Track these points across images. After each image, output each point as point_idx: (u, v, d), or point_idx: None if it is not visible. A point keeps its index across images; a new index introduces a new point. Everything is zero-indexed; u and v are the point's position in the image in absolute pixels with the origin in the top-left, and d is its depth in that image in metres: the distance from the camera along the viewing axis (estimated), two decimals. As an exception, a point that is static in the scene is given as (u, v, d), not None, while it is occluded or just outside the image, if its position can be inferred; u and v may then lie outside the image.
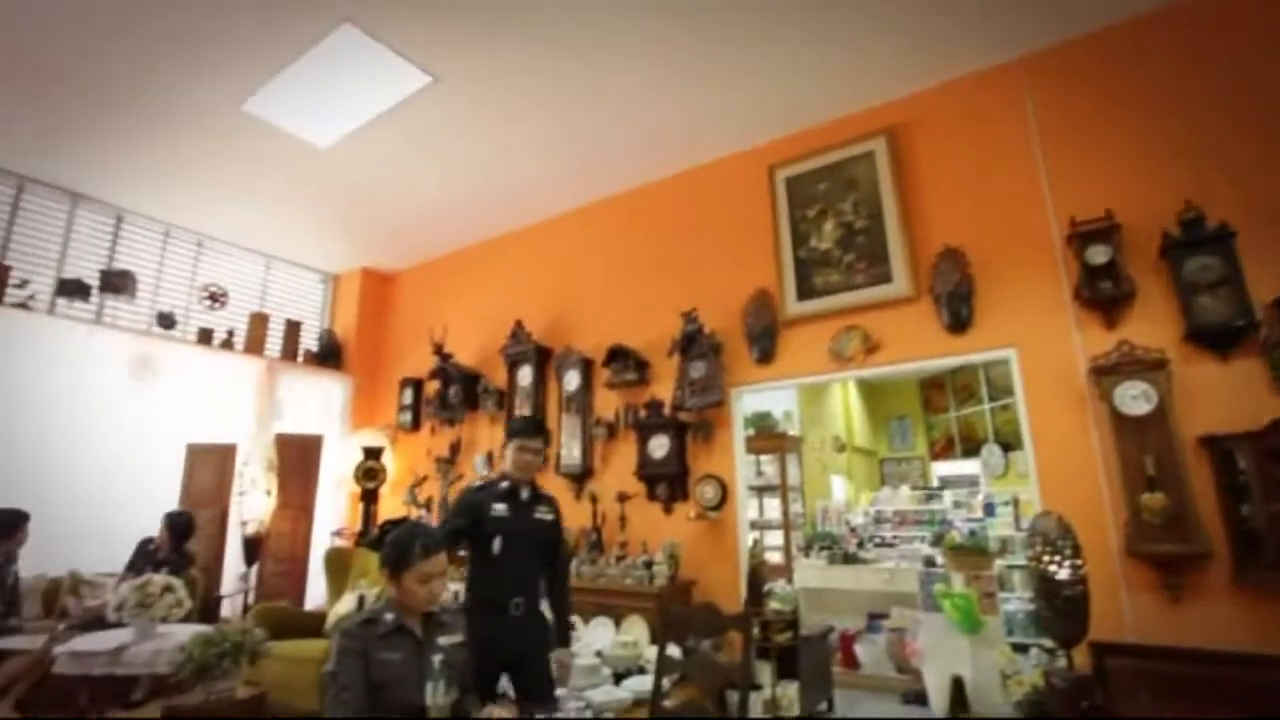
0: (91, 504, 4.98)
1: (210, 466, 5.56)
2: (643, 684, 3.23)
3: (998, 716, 2.89)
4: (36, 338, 4.93)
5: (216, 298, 6.07)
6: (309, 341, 6.68)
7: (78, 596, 4.37)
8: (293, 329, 6.48)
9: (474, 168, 5.03)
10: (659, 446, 4.54)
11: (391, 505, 5.90)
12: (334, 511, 6.20)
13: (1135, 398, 3.13)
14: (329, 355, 6.67)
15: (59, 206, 5.36)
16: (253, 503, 5.31)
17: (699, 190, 4.98)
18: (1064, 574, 2.69)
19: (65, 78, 4.00)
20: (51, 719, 3.63)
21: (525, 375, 5.42)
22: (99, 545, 4.80)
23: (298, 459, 5.78)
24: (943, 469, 8.73)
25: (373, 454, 5.96)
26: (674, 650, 2.47)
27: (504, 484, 2.59)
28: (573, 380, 5.11)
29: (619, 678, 3.50)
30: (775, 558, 5.75)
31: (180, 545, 4.61)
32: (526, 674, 2.42)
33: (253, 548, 5.28)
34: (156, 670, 3.26)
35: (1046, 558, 2.72)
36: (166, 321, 5.67)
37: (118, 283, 5.35)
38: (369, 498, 5.88)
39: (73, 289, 5.16)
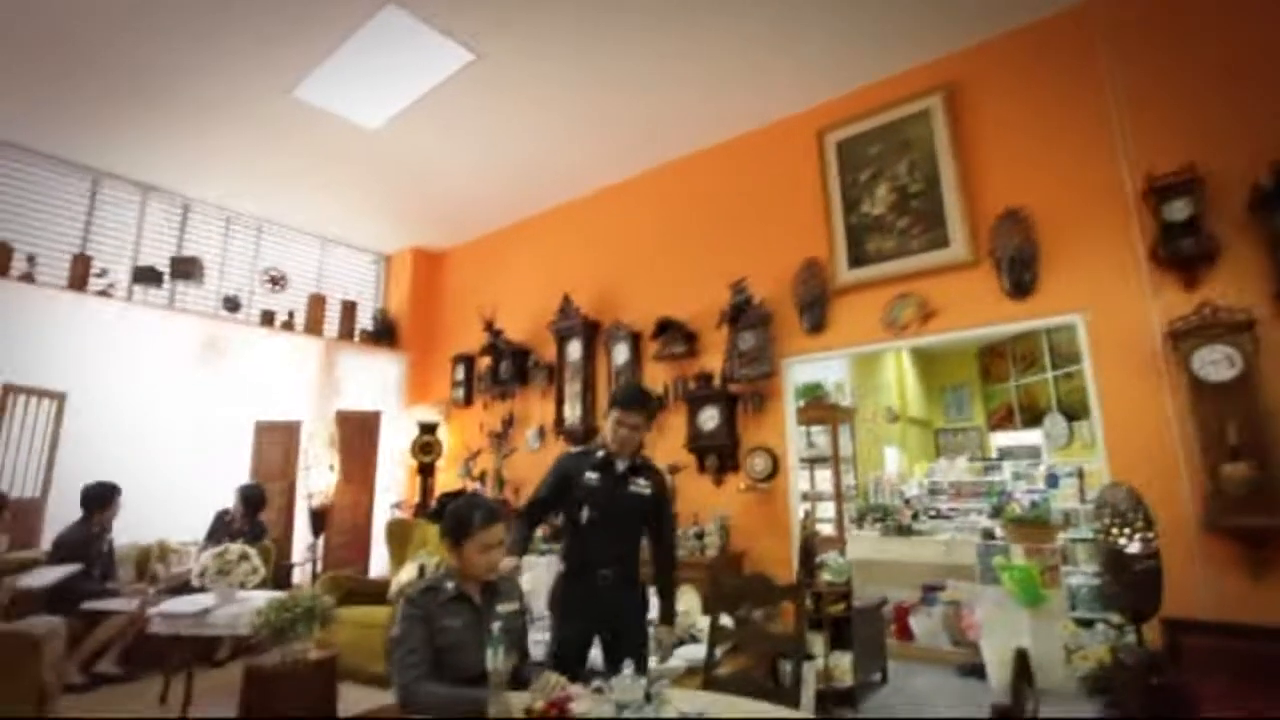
0: (172, 478, 5.30)
1: (277, 442, 5.83)
2: (695, 652, 3.27)
3: (1062, 692, 2.82)
4: (118, 323, 5.22)
5: (277, 281, 6.30)
6: (364, 321, 6.88)
7: (165, 563, 4.68)
8: (349, 309, 6.68)
9: (518, 143, 5.03)
10: (709, 418, 4.53)
11: (448, 479, 6.08)
12: (393, 484, 6.44)
13: (1217, 362, 2.94)
14: (384, 334, 6.86)
15: (131, 198, 5.63)
16: (317, 477, 5.55)
17: (746, 158, 4.87)
18: (1134, 547, 2.57)
19: (132, 75, 4.18)
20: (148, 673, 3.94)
21: (574, 349, 5.46)
22: (180, 516, 5.12)
23: (357, 435, 6.00)
24: (1002, 439, 8.46)
25: (428, 429, 6.14)
26: (726, 620, 2.48)
27: (600, 453, 2.49)
28: (621, 353, 5.13)
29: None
30: (827, 530, 5.69)
31: (254, 517, 4.87)
32: (617, 646, 2.32)
33: (319, 519, 5.52)
34: (238, 632, 3.46)
35: (1116, 530, 2.61)
36: (231, 305, 5.93)
37: (187, 269, 5.61)
38: (426, 471, 6.08)
39: (147, 276, 5.44)
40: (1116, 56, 3.46)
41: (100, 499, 4.25)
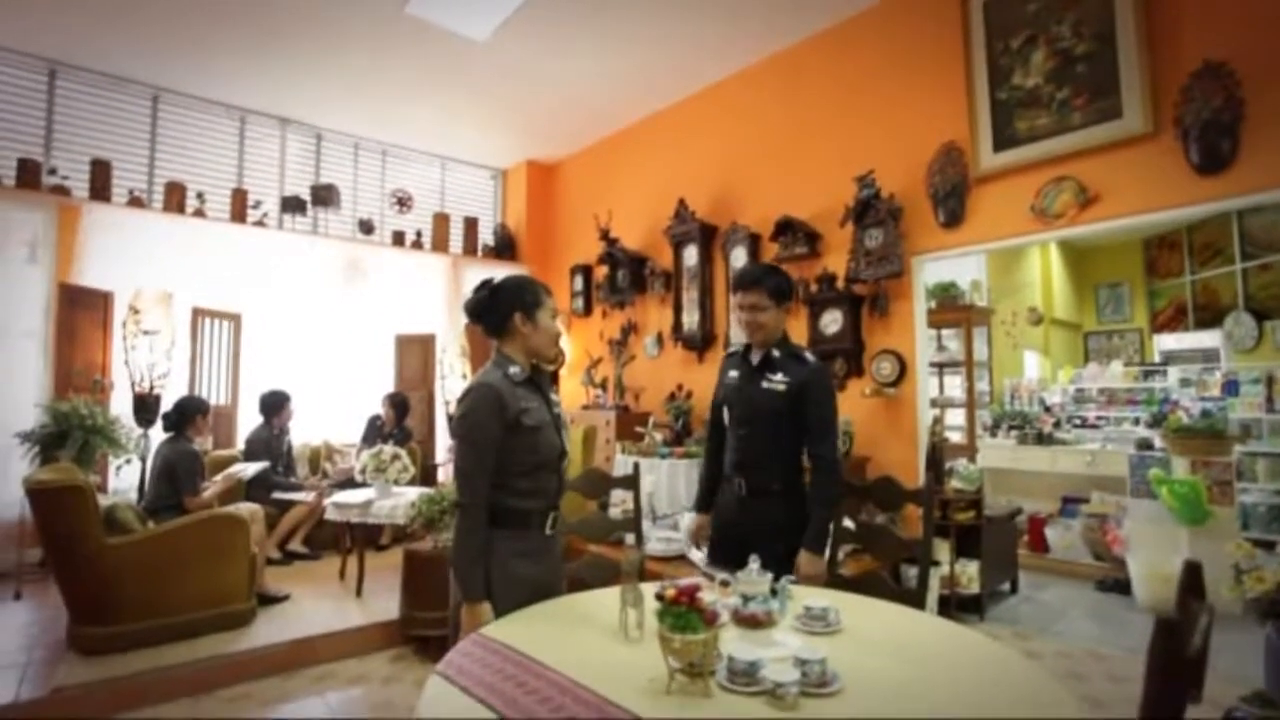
0: (330, 387, 5.93)
1: (415, 354, 6.32)
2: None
3: (1227, 613, 2.59)
4: (274, 249, 5.74)
5: (403, 202, 6.62)
6: (485, 236, 7.12)
7: (332, 461, 5.33)
8: (470, 226, 6.93)
9: (621, 43, 4.80)
10: (832, 321, 4.35)
11: (570, 386, 6.35)
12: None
13: None
14: (504, 248, 7.09)
15: (272, 133, 6.03)
16: (452, 385, 5.98)
17: (874, 35, 4.36)
18: (1340, 459, 2.24)
19: (262, 13, 4.36)
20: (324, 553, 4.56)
21: (691, 255, 5.37)
22: (338, 421, 5.77)
23: (486, 345, 6.34)
24: (1168, 342, 7.57)
25: (550, 339, 6.37)
26: (848, 522, 2.45)
27: (744, 346, 2.29)
28: (739, 256, 4.98)
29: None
30: (957, 437, 5.44)
31: (401, 421, 5.39)
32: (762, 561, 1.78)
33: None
34: (395, 521, 3.91)
35: (1317, 440, 2.27)
36: (366, 228, 6.32)
37: (325, 195, 6.01)
38: (552, 379, 6.36)
39: (292, 205, 5.89)
40: None
41: (274, 405, 4.84)
